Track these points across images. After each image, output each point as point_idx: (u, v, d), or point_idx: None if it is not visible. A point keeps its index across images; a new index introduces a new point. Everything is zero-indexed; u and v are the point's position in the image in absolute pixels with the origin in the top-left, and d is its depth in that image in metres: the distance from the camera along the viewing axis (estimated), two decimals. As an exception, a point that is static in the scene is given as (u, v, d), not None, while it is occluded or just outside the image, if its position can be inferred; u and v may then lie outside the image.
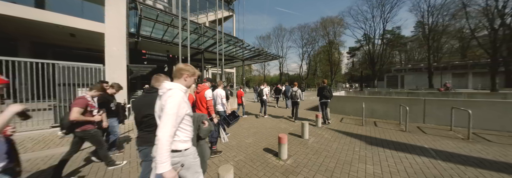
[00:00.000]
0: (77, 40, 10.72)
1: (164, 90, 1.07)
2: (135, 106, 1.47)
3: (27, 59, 3.98)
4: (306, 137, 3.44)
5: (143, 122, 1.38)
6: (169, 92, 1.05)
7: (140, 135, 1.41)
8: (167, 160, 0.90)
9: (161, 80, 1.47)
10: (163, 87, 1.09)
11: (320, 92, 4.69)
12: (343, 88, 24.33)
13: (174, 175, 0.91)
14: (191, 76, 1.17)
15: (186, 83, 1.16)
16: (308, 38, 40.86)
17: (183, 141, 1.07)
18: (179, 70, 1.16)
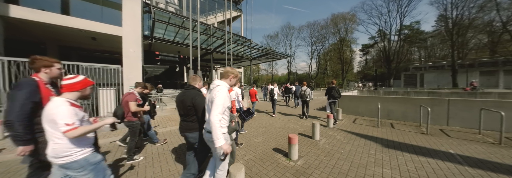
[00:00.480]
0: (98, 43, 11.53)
1: (214, 86, 1.43)
2: (178, 99, 1.77)
3: (56, 61, 4.33)
4: (317, 138, 3.35)
5: (185, 112, 1.70)
6: (217, 87, 1.38)
7: (182, 124, 1.74)
8: (221, 136, 1.26)
9: (198, 79, 1.81)
10: (214, 83, 1.45)
11: (329, 92, 4.82)
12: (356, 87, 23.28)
13: (228, 147, 1.30)
14: (235, 78, 1.52)
15: (230, 82, 1.51)
16: (317, 36, 39.81)
17: (222, 126, 1.35)
18: (226, 72, 1.50)
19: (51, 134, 1.09)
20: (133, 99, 2.45)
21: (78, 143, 1.12)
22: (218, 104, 1.30)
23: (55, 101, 1.12)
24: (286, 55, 15.34)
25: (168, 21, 8.05)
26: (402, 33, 28.37)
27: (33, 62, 1.33)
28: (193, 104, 1.63)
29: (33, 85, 1.27)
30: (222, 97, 1.32)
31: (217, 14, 19.26)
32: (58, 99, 1.12)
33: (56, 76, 1.43)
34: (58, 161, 1.07)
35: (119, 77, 5.20)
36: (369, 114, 5.46)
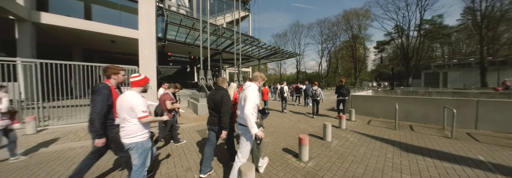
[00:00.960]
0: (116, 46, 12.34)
1: (246, 86, 1.76)
2: (210, 97, 2.08)
3: (80, 63, 4.73)
4: (329, 139, 3.26)
5: (215, 109, 2.00)
6: (249, 87, 1.71)
7: (212, 118, 2.03)
8: (255, 125, 1.56)
9: (225, 81, 2.18)
10: (246, 84, 1.79)
11: (338, 90, 5.18)
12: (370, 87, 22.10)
13: (262, 133, 1.61)
14: (262, 80, 1.85)
15: (259, 84, 1.83)
16: (328, 33, 38.30)
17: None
18: (256, 76, 1.85)
19: (126, 119, 1.42)
20: (169, 99, 2.88)
21: (142, 129, 1.46)
22: (250, 100, 1.60)
23: (129, 93, 1.45)
24: (294, 54, 15.07)
25: (180, 23, 8.35)
26: (422, 28, 26.22)
27: (106, 70, 1.66)
28: (222, 101, 1.94)
29: (108, 90, 1.60)
30: (254, 95, 1.63)
31: (225, 14, 19.51)
32: (131, 92, 1.45)
33: (122, 81, 1.76)
34: (126, 139, 1.42)
35: (135, 78, 5.49)
36: (385, 115, 5.17)
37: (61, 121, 4.52)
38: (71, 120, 4.63)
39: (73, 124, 4.51)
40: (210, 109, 2.07)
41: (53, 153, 2.70)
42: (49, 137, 3.50)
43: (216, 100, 1.97)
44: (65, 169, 2.21)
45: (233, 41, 10.39)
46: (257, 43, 11.68)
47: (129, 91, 1.48)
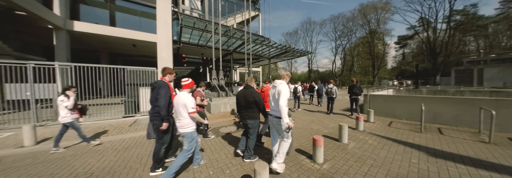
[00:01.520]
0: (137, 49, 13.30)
1: (278, 83, 2.04)
2: (241, 95, 2.40)
3: (107, 65, 5.21)
4: (345, 141, 3.12)
5: (246, 105, 2.33)
6: (281, 84, 2.00)
7: (244, 113, 2.36)
8: (287, 116, 1.87)
9: (253, 81, 2.53)
10: (276, 82, 2.07)
11: (350, 90, 5.36)
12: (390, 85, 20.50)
13: (292, 123, 1.92)
14: (288, 77, 2.13)
15: (286, 81, 2.11)
16: (342, 29, 36.21)
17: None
18: (283, 75, 2.13)
19: (181, 113, 1.91)
20: (200, 95, 3.23)
21: (191, 123, 1.97)
22: (284, 94, 1.91)
23: (183, 93, 1.95)
24: (306, 52, 14.63)
25: (193, 26, 8.67)
26: (452, 20, 23.41)
27: (164, 70, 2.18)
28: (255, 99, 2.27)
29: (167, 85, 2.07)
30: (286, 90, 1.94)
31: (236, 15, 19.74)
32: (184, 92, 1.97)
33: (171, 80, 2.23)
34: (181, 130, 1.94)
35: (154, 78, 5.90)
36: (408, 116, 4.78)
37: (92, 118, 5.03)
38: (100, 117, 5.13)
39: (101, 120, 5.00)
40: (241, 106, 2.39)
41: (85, 147, 3.02)
42: (85, 131, 3.91)
43: (248, 97, 2.29)
44: (95, 160, 2.46)
45: (244, 41, 10.49)
46: (267, 42, 11.61)
47: (182, 92, 1.98)
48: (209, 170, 2.19)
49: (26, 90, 4.30)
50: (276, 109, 1.99)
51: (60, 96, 2.79)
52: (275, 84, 2.07)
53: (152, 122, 2.05)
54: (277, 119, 1.99)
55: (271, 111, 2.12)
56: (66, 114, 2.79)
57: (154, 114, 2.01)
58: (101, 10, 10.98)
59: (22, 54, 8.11)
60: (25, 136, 3.02)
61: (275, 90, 2.02)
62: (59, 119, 2.81)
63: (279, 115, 1.92)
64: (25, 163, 2.41)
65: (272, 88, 2.12)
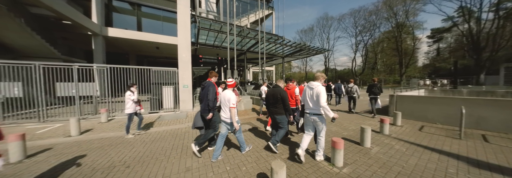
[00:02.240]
0: (160, 51, 14.38)
1: (315, 85, 2.24)
2: (270, 93, 2.71)
3: (135, 66, 5.75)
4: (367, 145, 2.88)
5: (274, 102, 2.63)
6: (318, 87, 2.20)
7: (272, 109, 2.68)
8: (330, 111, 2.09)
9: (282, 81, 2.81)
10: (313, 83, 2.28)
11: (369, 89, 5.25)
12: (421, 85, 18.22)
13: (337, 115, 2.20)
14: (323, 79, 2.32)
15: (321, 82, 2.31)
16: (364, 24, 32.86)
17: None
18: (318, 76, 2.32)
19: (226, 107, 2.35)
20: (235, 94, 3.65)
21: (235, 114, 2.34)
22: (323, 96, 2.14)
23: (229, 91, 2.40)
24: (322, 50, 13.92)
25: (209, 27, 9.00)
26: (500, 8, 19.65)
27: (210, 73, 2.71)
28: (281, 96, 2.56)
29: (213, 84, 2.60)
30: (324, 92, 2.17)
31: (249, 15, 19.87)
32: (229, 90, 2.41)
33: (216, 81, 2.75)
34: (226, 120, 2.37)
35: (175, 78, 6.32)
36: (444, 120, 4.21)
37: (123, 113, 5.62)
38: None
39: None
40: (270, 103, 2.73)
41: (120, 138, 3.37)
42: (117, 125, 4.41)
43: (276, 95, 2.60)
44: (127, 150, 2.73)
45: (257, 41, 10.49)
46: (281, 41, 11.39)
47: (227, 90, 2.45)
48: (226, 165, 2.25)
49: (72, 88, 5.02)
50: (314, 107, 2.24)
51: (127, 91, 3.41)
52: (311, 86, 2.28)
53: (204, 115, 2.54)
54: (314, 116, 2.24)
55: (307, 110, 2.34)
56: (130, 106, 3.39)
57: (205, 108, 2.53)
58: (129, 16, 12.17)
59: (68, 58, 9.47)
60: (72, 127, 3.52)
61: (313, 91, 2.23)
62: (125, 110, 3.41)
63: (317, 112, 2.21)
64: (72, 150, 2.80)
65: (309, 89, 2.32)
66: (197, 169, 2.15)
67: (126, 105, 3.40)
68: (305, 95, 2.35)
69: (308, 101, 2.30)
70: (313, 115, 2.24)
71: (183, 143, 3.08)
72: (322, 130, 2.27)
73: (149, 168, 2.19)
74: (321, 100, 2.11)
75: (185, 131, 3.89)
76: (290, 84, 3.41)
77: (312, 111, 2.27)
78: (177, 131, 3.90)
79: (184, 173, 2.08)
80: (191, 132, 3.79)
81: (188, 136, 3.53)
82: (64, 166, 2.24)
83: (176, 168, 2.19)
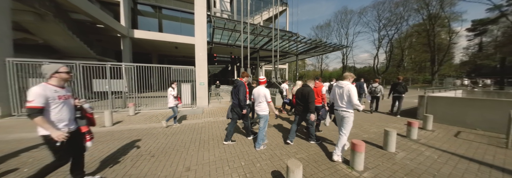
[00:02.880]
0: (178, 51, 15.20)
1: (344, 84, 2.33)
2: (299, 92, 2.84)
3: (157, 65, 6.21)
4: (392, 149, 2.66)
5: (302, 100, 2.78)
6: (348, 85, 2.30)
7: (300, 107, 2.82)
8: (361, 106, 2.27)
9: (312, 82, 2.99)
10: (342, 83, 2.36)
11: (394, 88, 5.15)
12: (458, 85, 15.95)
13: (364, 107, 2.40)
14: (352, 78, 2.41)
15: (350, 81, 2.38)
16: (389, 17, 29.21)
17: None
18: (347, 76, 2.40)
19: (260, 101, 2.66)
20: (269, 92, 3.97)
21: (266, 108, 2.70)
22: (354, 94, 2.22)
23: (262, 87, 2.70)
24: (340, 46, 13.08)
25: (224, 26, 9.17)
26: None
27: (242, 73, 3.00)
28: (308, 95, 2.69)
29: (244, 84, 2.88)
30: (355, 90, 2.25)
31: (262, 12, 19.65)
32: (262, 87, 2.71)
33: (247, 80, 3.06)
34: (260, 112, 2.69)
35: (192, 75, 6.66)
36: (487, 126, 3.65)
37: (147, 108, 6.15)
38: (153, 107, 6.21)
39: (154, 110, 6.05)
40: (297, 101, 2.92)
41: (145, 130, 3.70)
42: (142, 118, 4.84)
43: (304, 94, 2.76)
44: (152, 142, 2.98)
45: (271, 38, 10.36)
46: (295, 38, 11.03)
47: (260, 86, 2.75)
48: (241, 161, 2.31)
49: (105, 84, 5.64)
50: (344, 105, 2.33)
51: (169, 88, 3.94)
52: (341, 85, 2.37)
53: (235, 109, 2.89)
54: (343, 113, 2.33)
55: (337, 107, 2.45)
56: (171, 100, 3.87)
57: (235, 103, 2.88)
58: (152, 19, 13.08)
59: (102, 57, 10.63)
60: (106, 119, 3.98)
61: (342, 90, 2.34)
62: (168, 104, 3.94)
63: (346, 109, 2.31)
64: (106, 138, 3.18)
65: (338, 88, 2.41)
66: (214, 162, 2.26)
67: (168, 99, 3.91)
68: (335, 94, 2.46)
69: (337, 99, 2.41)
70: (342, 112, 2.36)
71: (200, 137, 3.24)
72: (348, 126, 2.33)
73: (171, 158, 2.37)
74: (353, 98, 2.21)
75: (201, 126, 4.09)
76: (317, 83, 3.55)
77: (340, 108, 2.38)
78: (194, 125, 4.13)
79: (202, 165, 2.19)
80: (207, 127, 3.97)
81: (205, 130, 3.71)
82: (100, 152, 2.56)
83: (195, 160, 2.32)
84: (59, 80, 1.49)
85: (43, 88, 1.38)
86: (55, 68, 1.46)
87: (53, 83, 1.47)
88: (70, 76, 1.57)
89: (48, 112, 1.39)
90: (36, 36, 7.87)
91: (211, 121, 4.59)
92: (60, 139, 1.34)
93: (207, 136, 3.35)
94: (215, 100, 8.81)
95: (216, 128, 3.90)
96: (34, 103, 1.31)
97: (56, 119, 1.43)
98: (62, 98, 1.48)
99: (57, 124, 1.44)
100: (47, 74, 1.45)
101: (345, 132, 2.35)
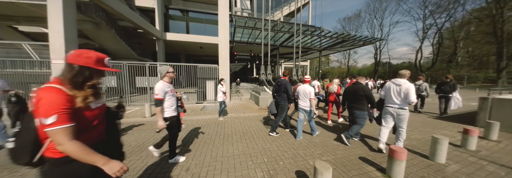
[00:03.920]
0: (203, 50, 16.24)
1: (402, 83, 2.37)
2: (351, 90, 2.93)
3: (185, 64, 6.80)
4: (441, 160, 2.24)
5: (355, 98, 2.84)
6: (406, 84, 2.34)
7: (353, 105, 2.88)
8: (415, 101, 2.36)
9: (364, 79, 3.09)
10: (401, 81, 2.39)
11: (439, 87, 4.91)
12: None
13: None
14: (409, 76, 2.44)
15: (408, 79, 2.44)
16: (438, 2, 23.84)
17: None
18: (405, 74, 2.42)
19: (306, 98, 2.92)
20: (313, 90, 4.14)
21: (309, 104, 2.93)
22: (413, 92, 2.30)
23: (307, 85, 2.97)
24: (372, 40, 11.58)
25: (245, 25, 9.27)
26: None
27: (284, 72, 3.25)
28: (365, 93, 2.75)
29: (289, 82, 3.14)
30: (414, 89, 2.31)
31: (283, 8, 19.00)
32: (307, 85, 2.99)
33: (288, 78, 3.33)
34: (305, 108, 2.96)
35: (216, 73, 7.06)
36: None
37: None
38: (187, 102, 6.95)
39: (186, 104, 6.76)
40: (348, 99, 3.00)
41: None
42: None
43: (358, 92, 2.81)
44: (183, 133, 3.31)
45: (292, 34, 9.96)
46: (319, 32, 10.27)
47: (306, 84, 3.02)
48: (264, 157, 2.35)
49: (145, 81, 6.52)
50: (399, 102, 2.39)
51: (219, 84, 4.44)
52: (398, 83, 2.40)
53: (280, 103, 3.14)
54: (399, 110, 2.37)
55: (390, 104, 2.49)
56: (221, 95, 4.33)
57: (280, 99, 3.14)
58: (180, 22, 14.27)
59: (142, 58, 12.23)
60: (146, 111, 4.63)
61: (400, 88, 2.37)
62: (217, 99, 4.44)
63: (403, 107, 2.36)
64: (146, 127, 3.70)
65: (396, 86, 2.43)
66: (238, 156, 2.37)
67: (218, 95, 4.42)
68: (390, 91, 2.47)
69: (392, 96, 2.44)
70: (398, 109, 2.40)
71: (224, 131, 3.44)
72: (405, 122, 2.42)
73: (199, 149, 2.60)
74: (412, 96, 2.27)
75: (225, 121, 4.32)
76: (354, 81, 3.65)
77: (397, 105, 2.42)
78: (216, 120, 4.41)
79: (227, 157, 2.33)
80: (230, 122, 4.17)
81: (228, 125, 3.91)
82: (143, 138, 3.01)
83: (220, 152, 2.49)
84: (169, 78, 1.94)
85: (162, 84, 1.86)
86: (166, 69, 1.90)
87: (166, 81, 1.93)
88: (175, 75, 2.04)
89: (164, 102, 1.89)
90: (94, 41, 9.59)
91: (233, 116, 4.79)
92: (161, 128, 1.86)
93: (230, 130, 3.52)
94: (236, 97, 9.12)
95: (238, 123, 4.06)
96: (159, 96, 1.82)
97: (168, 106, 1.94)
98: (172, 92, 1.98)
99: (168, 109, 1.94)
100: (162, 73, 1.90)
101: (404, 127, 2.43)
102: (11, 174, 1.88)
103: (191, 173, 1.95)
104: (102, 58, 0.83)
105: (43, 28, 9.48)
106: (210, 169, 2.05)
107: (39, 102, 0.68)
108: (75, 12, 5.67)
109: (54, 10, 5.00)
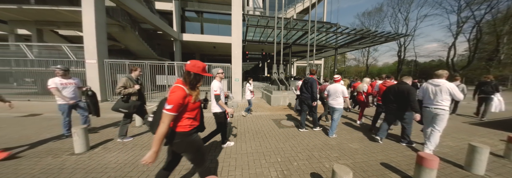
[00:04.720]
0: (216, 50, 16.68)
1: (441, 83, 2.36)
2: (393, 89, 2.82)
3: (200, 63, 7.04)
4: (479, 171, 1.96)
5: (399, 99, 2.70)
6: (446, 83, 2.33)
7: (396, 106, 2.77)
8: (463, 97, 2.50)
9: (410, 79, 2.81)
10: (440, 81, 2.38)
11: (478, 88, 4.64)
12: None
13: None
14: (447, 76, 2.43)
15: (446, 79, 2.41)
16: None
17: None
18: (442, 74, 2.41)
19: (337, 97, 2.98)
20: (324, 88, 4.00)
21: (341, 102, 3.02)
22: (457, 89, 2.29)
23: (339, 85, 3.03)
24: (396, 36, 10.58)
25: (257, 24, 9.22)
26: None
27: (311, 71, 3.36)
28: (408, 93, 2.58)
29: (315, 80, 3.21)
30: (456, 88, 2.31)
31: (296, 4, 18.45)
32: (339, 84, 3.04)
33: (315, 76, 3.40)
34: (335, 106, 3.01)
35: (229, 72, 7.18)
36: None
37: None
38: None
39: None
40: (390, 99, 2.87)
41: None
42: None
43: (402, 92, 2.66)
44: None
45: (306, 32, 9.64)
46: (334, 29, 9.71)
47: (337, 83, 3.07)
48: (277, 157, 2.33)
49: (164, 79, 6.93)
50: (439, 103, 2.35)
51: (247, 83, 4.77)
52: (436, 83, 2.40)
53: (306, 101, 3.25)
54: (437, 110, 2.35)
55: (429, 105, 2.45)
56: (249, 94, 4.64)
57: (306, 96, 3.23)
58: (195, 23, 14.82)
59: (161, 58, 13.02)
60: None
61: (440, 88, 2.34)
62: (245, 97, 4.76)
63: (441, 107, 2.33)
64: (165, 123, 3.93)
65: (433, 86, 2.42)
66: (251, 154, 2.39)
67: (245, 93, 4.74)
68: (428, 91, 2.45)
69: (431, 96, 2.42)
70: (435, 109, 2.37)
71: (237, 130, 3.49)
72: (443, 124, 2.36)
73: (214, 145, 2.69)
74: (458, 94, 2.28)
75: (237, 119, 4.39)
76: (388, 82, 3.53)
77: (434, 106, 2.39)
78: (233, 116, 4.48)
79: (241, 155, 2.37)
80: (242, 120, 4.22)
81: (240, 123, 3.97)
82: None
83: (234, 149, 2.54)
84: (219, 78, 2.33)
85: (217, 83, 2.27)
86: (217, 70, 2.29)
87: (218, 80, 2.33)
88: (223, 75, 2.39)
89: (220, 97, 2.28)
90: (120, 43, 10.47)
91: (245, 115, 4.84)
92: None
93: (243, 128, 3.57)
94: (247, 96, 9.20)
95: (250, 122, 4.09)
96: (217, 92, 2.23)
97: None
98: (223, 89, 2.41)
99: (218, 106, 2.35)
100: (214, 74, 2.26)
101: (439, 129, 2.35)
102: (54, 159, 2.16)
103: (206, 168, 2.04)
104: (205, 67, 1.19)
105: (78, 31, 10.66)
106: (225, 165, 2.10)
107: (171, 93, 1.06)
108: (105, 16, 6.26)
109: (87, 15, 5.58)
